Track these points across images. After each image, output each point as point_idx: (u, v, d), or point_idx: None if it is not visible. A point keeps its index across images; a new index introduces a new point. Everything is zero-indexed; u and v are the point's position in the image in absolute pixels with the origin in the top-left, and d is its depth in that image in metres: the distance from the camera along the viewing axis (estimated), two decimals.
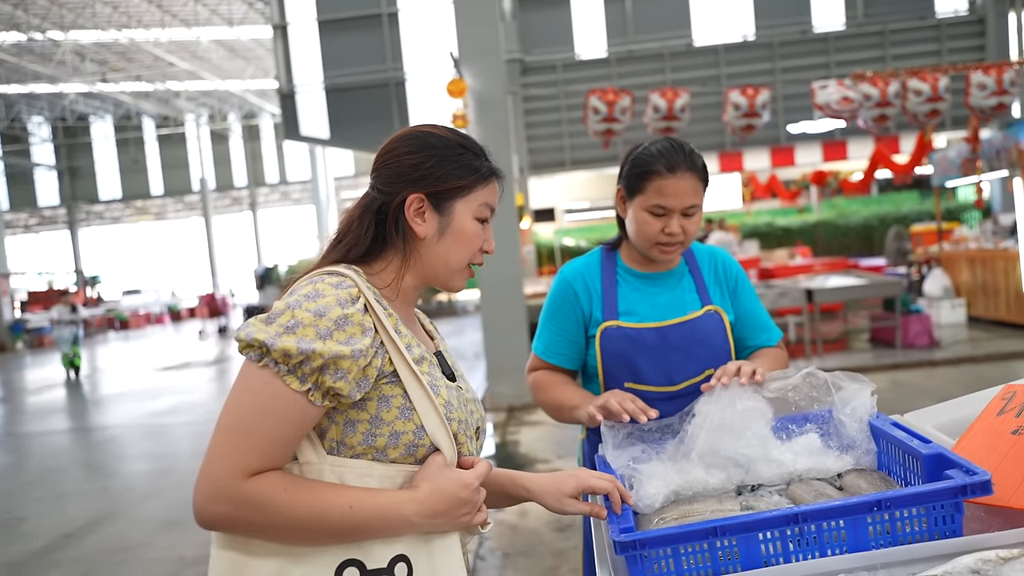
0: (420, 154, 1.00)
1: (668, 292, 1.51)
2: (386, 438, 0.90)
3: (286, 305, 0.86)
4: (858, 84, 5.67)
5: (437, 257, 1.02)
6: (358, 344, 0.86)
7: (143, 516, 4.17)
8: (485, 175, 1.03)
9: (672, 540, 0.94)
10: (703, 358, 1.45)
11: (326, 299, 0.87)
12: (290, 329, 0.83)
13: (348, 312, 0.87)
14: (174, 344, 15.16)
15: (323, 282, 0.90)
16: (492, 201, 1.05)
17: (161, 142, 26.05)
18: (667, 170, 1.40)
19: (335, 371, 0.84)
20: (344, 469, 0.89)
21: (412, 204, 0.99)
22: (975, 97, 5.46)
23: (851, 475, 1.15)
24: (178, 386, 9.12)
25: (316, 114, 12.03)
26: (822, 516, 0.93)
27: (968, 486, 0.91)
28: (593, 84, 9.84)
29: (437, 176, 0.99)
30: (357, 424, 0.90)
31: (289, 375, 0.83)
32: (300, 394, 0.83)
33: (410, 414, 0.92)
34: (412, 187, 0.99)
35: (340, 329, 0.85)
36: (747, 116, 5.77)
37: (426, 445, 0.92)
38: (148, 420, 7.06)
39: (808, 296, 6.27)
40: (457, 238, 1.02)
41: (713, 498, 1.17)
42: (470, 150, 1.03)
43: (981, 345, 6.42)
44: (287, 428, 0.84)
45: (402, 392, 0.92)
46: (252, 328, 0.84)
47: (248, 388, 0.85)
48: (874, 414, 1.22)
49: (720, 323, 1.49)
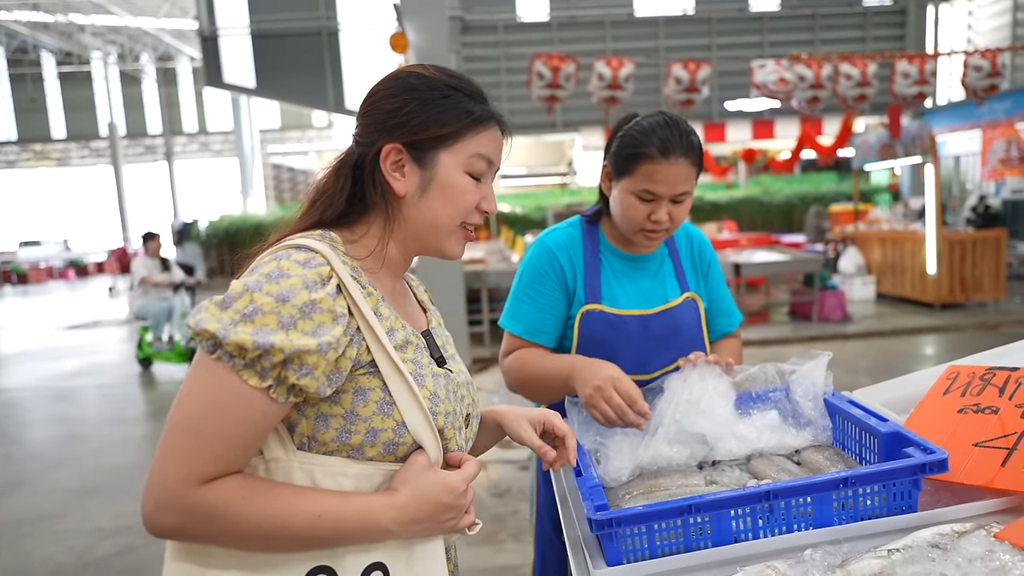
0: (399, 97, 0.86)
1: (650, 277, 1.44)
2: (362, 435, 0.80)
3: (244, 287, 0.74)
4: (794, 65, 5.83)
5: (421, 218, 0.89)
6: (327, 335, 0.74)
7: (54, 485, 3.90)
8: (477, 120, 0.88)
9: (647, 518, 0.94)
10: (679, 347, 1.42)
11: (291, 280, 0.75)
12: (247, 317, 0.72)
13: (316, 296, 0.75)
14: (80, 301, 14.18)
15: (288, 259, 0.78)
16: (489, 152, 0.90)
17: (63, 80, 23.83)
18: (660, 154, 1.28)
19: (299, 367, 0.73)
20: (316, 467, 0.79)
21: (388, 156, 0.86)
22: (899, 85, 5.74)
23: (808, 451, 1.20)
24: (87, 346, 8.55)
25: (241, 61, 11.31)
26: (791, 493, 0.95)
27: (927, 464, 0.96)
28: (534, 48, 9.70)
29: (417, 122, 0.85)
30: (330, 419, 0.80)
31: (246, 370, 0.72)
32: (260, 391, 0.73)
33: (390, 409, 0.81)
34: (388, 136, 0.86)
35: (306, 317, 0.74)
36: (687, 91, 5.84)
37: (408, 443, 0.82)
38: (54, 382, 6.59)
39: (736, 270, 6.51)
40: (443, 195, 0.88)
41: (678, 473, 1.19)
42: (460, 91, 0.88)
43: (888, 320, 6.89)
44: (245, 428, 0.73)
45: (381, 384, 0.81)
46: (204, 314, 0.72)
47: (201, 383, 0.73)
48: (829, 391, 1.26)
49: (696, 311, 1.46)
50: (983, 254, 7.10)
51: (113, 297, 14.42)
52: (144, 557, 2.97)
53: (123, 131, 23.38)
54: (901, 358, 5.69)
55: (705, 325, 1.48)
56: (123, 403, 5.76)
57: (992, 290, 7.15)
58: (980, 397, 1.14)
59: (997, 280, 7.15)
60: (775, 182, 14.54)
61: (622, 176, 1.34)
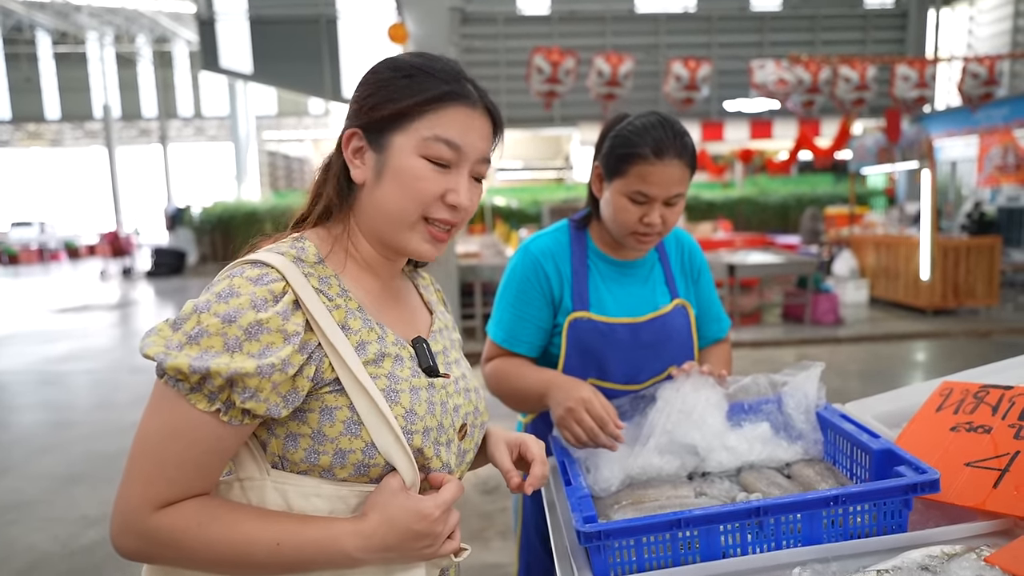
0: (365, 84, 0.84)
1: (639, 284, 1.41)
2: (330, 456, 0.77)
3: (194, 307, 0.72)
4: (793, 66, 5.82)
5: (378, 207, 0.82)
6: (271, 357, 0.70)
7: (40, 471, 3.87)
8: (435, 98, 0.80)
9: (636, 531, 0.93)
10: (670, 355, 1.39)
11: (239, 300, 0.72)
12: (193, 339, 0.69)
13: (263, 316, 0.71)
14: (72, 284, 14.07)
15: (241, 275, 0.74)
16: (452, 135, 0.80)
17: (58, 61, 23.58)
18: (654, 155, 1.25)
19: (243, 390, 0.70)
20: (289, 487, 0.77)
21: (350, 142, 0.83)
22: (899, 88, 5.73)
23: (799, 464, 1.19)
24: (77, 330, 8.49)
25: (238, 45, 11.21)
26: (781, 510, 0.94)
27: (919, 484, 0.95)
28: (533, 41, 9.65)
29: (371, 105, 0.81)
30: (299, 439, 0.77)
31: (194, 393, 0.70)
32: (209, 414, 0.70)
33: (357, 430, 0.77)
34: (351, 123, 0.84)
35: (252, 339, 0.70)
36: (687, 89, 5.82)
37: (380, 464, 0.78)
38: (43, 366, 6.54)
39: (730, 270, 6.52)
40: (396, 181, 0.80)
41: (667, 483, 1.18)
42: (424, 70, 0.81)
43: (880, 325, 6.91)
44: (199, 452, 0.71)
45: (348, 403, 0.77)
46: (153, 336, 0.71)
47: (154, 407, 0.72)
48: (822, 404, 1.26)
49: (687, 318, 1.43)
50: (977, 261, 7.13)
51: (105, 281, 14.33)
52: None
53: (118, 113, 23.17)
54: (893, 363, 5.71)
55: (695, 332, 1.46)
56: (112, 389, 5.72)
57: (985, 297, 7.19)
58: (973, 415, 1.14)
59: (990, 287, 7.18)
60: (771, 183, 14.56)
61: (614, 177, 1.31)
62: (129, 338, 8.07)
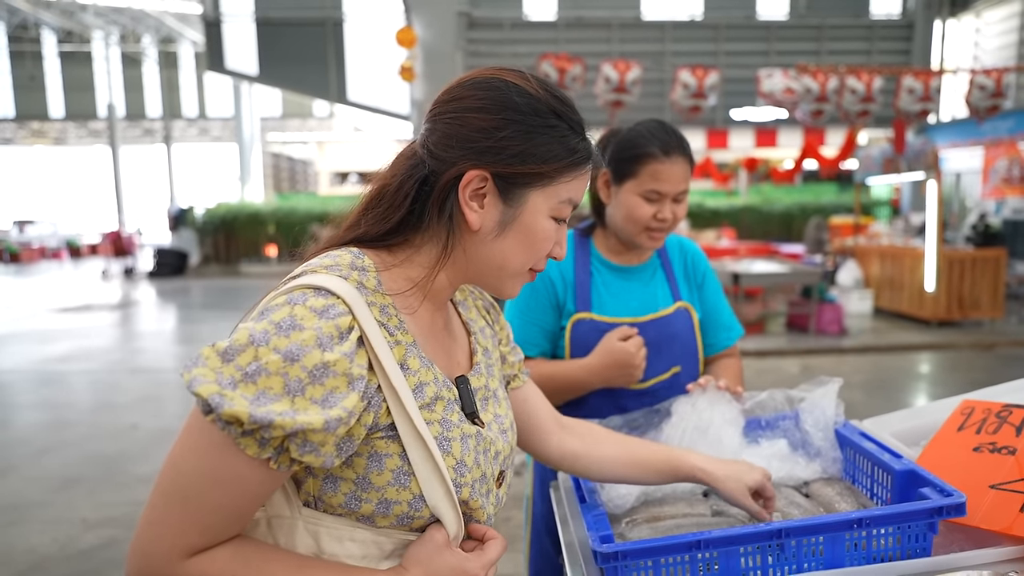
0: (497, 116, 0.74)
1: (641, 287, 1.46)
2: (373, 505, 0.71)
3: (250, 338, 0.63)
4: (801, 76, 5.81)
5: (490, 258, 0.78)
6: (336, 408, 0.64)
7: (39, 472, 3.85)
8: (578, 162, 0.78)
9: (654, 552, 0.91)
10: (673, 355, 1.43)
11: (303, 335, 0.64)
12: (249, 377, 0.62)
13: (330, 358, 0.64)
14: (73, 283, 14.06)
15: (304, 304, 0.67)
16: (578, 196, 0.80)
17: (63, 59, 23.64)
18: (663, 153, 1.34)
19: (303, 443, 0.63)
20: (321, 528, 0.72)
21: (471, 183, 0.74)
22: (904, 100, 5.72)
23: (818, 483, 1.17)
24: (77, 329, 8.47)
25: (244, 47, 11.22)
26: (803, 532, 0.92)
27: (945, 507, 0.93)
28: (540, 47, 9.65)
29: (514, 152, 0.74)
30: (339, 482, 0.71)
31: (244, 438, 0.62)
32: (259, 461, 0.64)
33: (407, 481, 0.71)
34: (476, 160, 0.74)
35: (316, 382, 0.63)
36: (695, 97, 5.81)
37: (425, 517, 0.73)
38: (43, 366, 6.52)
39: (734, 279, 6.50)
40: (523, 238, 0.78)
41: (683, 500, 1.16)
42: (566, 121, 0.77)
43: (884, 336, 6.89)
44: (240, 499, 0.65)
45: (400, 451, 0.71)
46: (201, 370, 0.62)
47: (193, 445, 0.65)
48: (840, 422, 1.23)
49: (689, 320, 1.46)
50: (982, 273, 7.10)
51: (106, 280, 14.32)
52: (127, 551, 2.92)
53: (122, 112, 23.22)
54: (897, 374, 5.68)
55: (699, 335, 1.49)
56: (111, 390, 5.69)
57: (989, 309, 7.16)
58: (996, 435, 1.11)
59: (995, 299, 7.15)
60: (776, 191, 14.55)
61: (625, 179, 1.38)
62: (130, 339, 8.06)
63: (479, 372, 0.88)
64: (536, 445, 1.04)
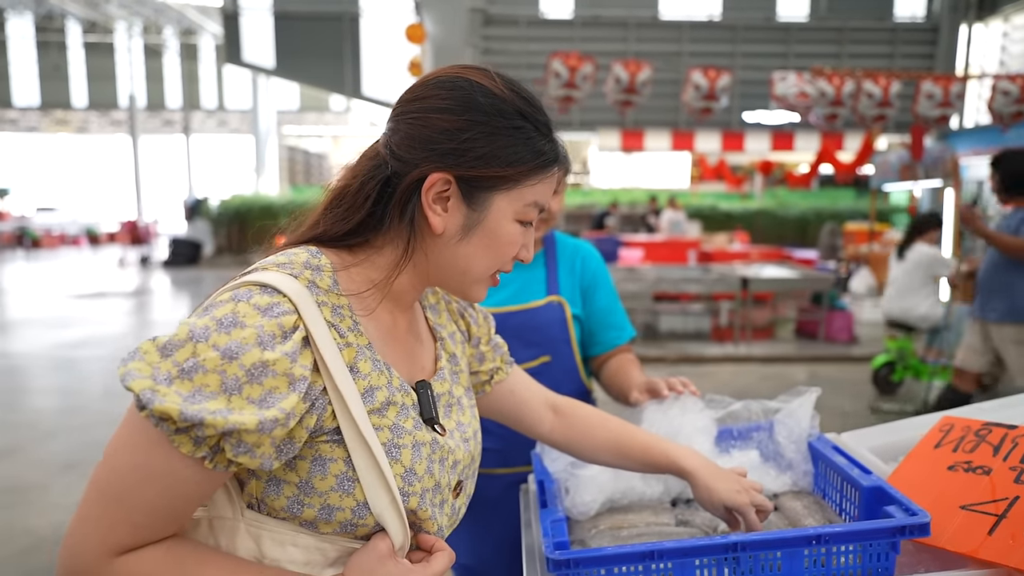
0: (461, 117, 0.72)
1: (516, 279, 1.53)
2: (316, 510, 0.69)
3: (189, 333, 0.62)
4: (816, 79, 5.73)
5: (453, 262, 0.77)
6: (273, 408, 0.61)
7: (42, 456, 3.91)
8: (545, 164, 0.77)
9: (607, 561, 0.90)
10: (539, 345, 1.49)
11: (244, 332, 0.62)
12: (185, 373, 0.60)
13: (270, 357, 0.62)
14: (90, 270, 14.27)
15: (248, 301, 0.65)
16: (544, 198, 0.79)
17: (87, 50, 23.98)
18: None
19: (237, 443, 0.61)
20: (264, 531, 0.70)
21: (434, 186, 0.73)
22: (923, 106, 5.62)
23: (787, 496, 1.14)
24: (92, 316, 8.59)
25: (262, 40, 11.30)
26: (761, 547, 0.90)
27: (907, 527, 0.90)
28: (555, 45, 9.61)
29: (478, 155, 0.72)
30: (282, 485, 0.69)
31: (179, 435, 0.60)
32: (193, 460, 0.62)
33: (351, 487, 0.69)
34: (439, 162, 0.72)
35: (254, 382, 0.61)
36: (706, 98, 5.75)
37: (369, 525, 0.71)
38: (57, 351, 6.63)
39: (743, 283, 6.43)
40: (487, 242, 0.76)
41: (648, 509, 1.14)
42: (531, 122, 0.76)
43: None
44: (175, 499, 0.63)
45: (344, 456, 0.69)
46: (137, 363, 0.60)
47: (128, 441, 0.63)
48: (815, 435, 1.21)
49: (560, 313, 1.51)
50: None
51: (123, 268, 14.52)
52: None
53: (143, 103, 23.50)
54: None
55: (572, 328, 1.53)
56: None
57: None
58: (973, 454, 1.08)
59: None
60: (791, 196, 14.39)
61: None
62: (143, 327, 8.16)
63: (443, 378, 0.86)
64: (528, 431, 1.07)
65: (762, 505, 0.98)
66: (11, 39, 23.65)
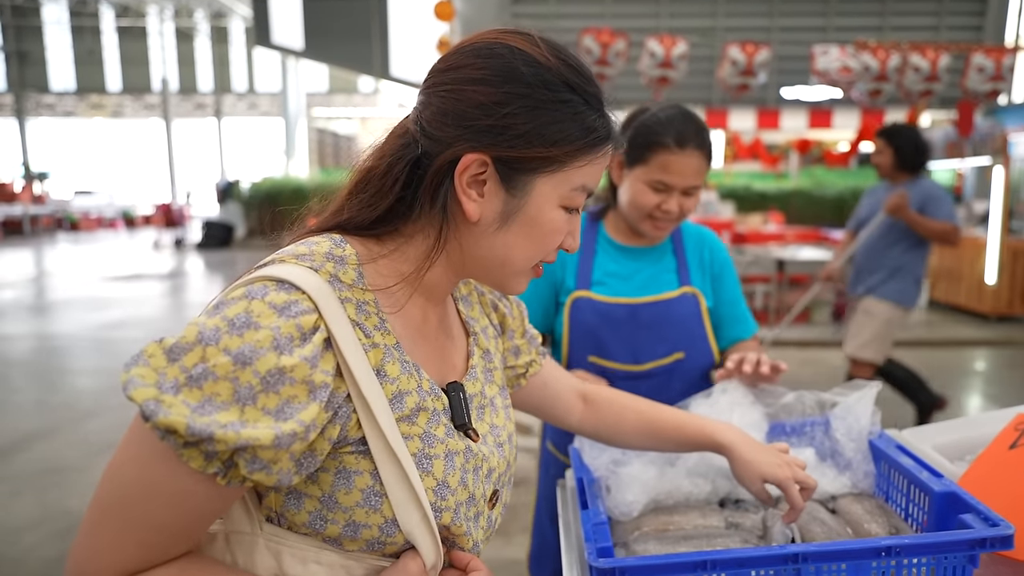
0: (499, 89, 0.64)
1: (647, 268, 1.43)
2: (340, 527, 0.63)
3: (199, 336, 0.55)
4: (859, 53, 5.48)
5: (490, 252, 0.69)
6: (291, 422, 0.55)
7: (82, 436, 3.99)
8: (595, 142, 0.68)
9: (656, 571, 0.83)
10: (673, 340, 1.39)
11: (258, 335, 0.56)
12: (193, 381, 0.54)
13: (287, 363, 0.56)
14: (127, 252, 14.59)
15: (263, 299, 0.58)
16: (593, 182, 0.70)
17: (120, 34, 24.32)
18: (676, 144, 1.30)
19: (251, 460, 0.55)
20: (284, 547, 0.64)
21: (468, 169, 0.65)
22: (972, 80, 5.34)
23: (846, 499, 1.07)
24: (129, 297, 8.77)
25: (290, 21, 11.29)
26: (825, 558, 0.83)
27: (989, 539, 0.82)
28: (585, 21, 9.40)
29: (519, 132, 0.64)
30: (303, 499, 0.63)
31: (188, 449, 0.54)
32: (204, 476, 0.56)
33: (379, 503, 0.63)
34: (474, 142, 0.64)
35: (270, 390, 0.55)
36: (743, 74, 5.55)
37: (398, 543, 0.65)
38: (96, 332, 6.78)
39: (779, 266, 6.26)
40: (528, 231, 0.68)
41: (696, 510, 1.08)
42: (581, 94, 0.66)
43: (937, 330, 6.55)
44: (185, 516, 0.58)
45: (371, 469, 0.63)
46: (140, 369, 0.54)
47: (134, 455, 0.57)
48: (876, 432, 1.13)
49: (696, 306, 1.41)
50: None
51: (157, 250, 14.80)
52: None
53: (176, 86, 23.81)
54: (949, 372, 5.39)
55: (708, 322, 1.43)
56: None
57: None
58: None
59: None
60: (828, 175, 13.95)
61: (635, 164, 1.36)
62: (179, 309, 8.30)
63: (475, 377, 0.80)
64: (560, 422, 1.03)
65: (805, 482, 0.92)
66: (46, 24, 24.08)
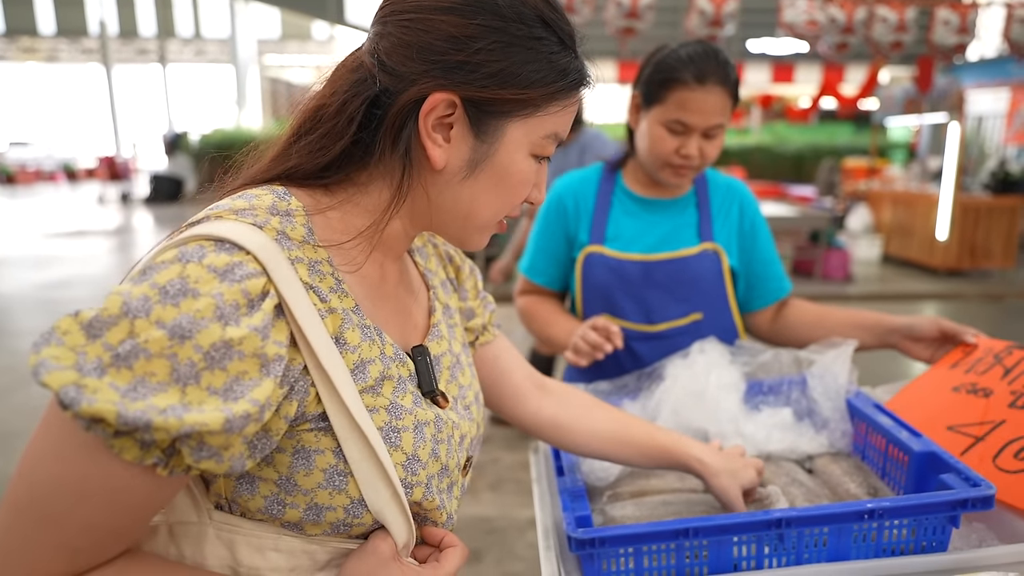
0: (472, 21, 0.57)
1: (666, 222, 1.33)
2: (300, 511, 0.57)
3: (123, 307, 0.47)
4: (827, 5, 5.42)
5: (454, 205, 0.63)
6: (242, 401, 0.47)
7: (25, 401, 3.81)
8: (570, 85, 0.62)
9: (636, 539, 0.80)
10: (691, 300, 1.30)
11: (198, 303, 0.48)
12: (122, 360, 0.45)
13: (234, 334, 0.48)
14: (69, 207, 13.88)
15: (199, 262, 0.50)
16: (564, 129, 0.64)
17: None
18: (695, 80, 1.18)
19: (197, 447, 0.47)
20: (238, 536, 0.57)
21: (435, 109, 0.58)
22: (939, 33, 5.36)
23: (824, 459, 1.05)
24: (73, 255, 8.36)
25: None
26: (807, 523, 0.81)
27: (970, 500, 0.81)
28: None
29: (491, 71, 0.57)
30: (257, 483, 0.56)
31: (119, 439, 0.46)
32: (141, 468, 0.48)
33: (343, 482, 0.57)
34: (442, 79, 0.57)
35: (215, 367, 0.47)
36: (711, 25, 5.45)
37: (366, 524, 0.59)
38: (39, 292, 6.45)
39: None
40: (496, 181, 0.62)
41: (673, 473, 1.05)
42: (556, 32, 0.60)
43: (891, 283, 6.75)
44: (119, 515, 0.50)
45: (334, 447, 0.56)
46: (54, 349, 0.45)
47: (52, 448, 0.48)
48: (852, 391, 1.11)
49: (716, 264, 1.31)
50: (997, 221, 6.88)
51: (102, 205, 14.13)
52: None
53: (115, 30, 22.33)
54: None
55: (729, 282, 1.34)
56: None
57: (1001, 259, 6.98)
58: (983, 376, 1.01)
59: (1008, 249, 6.96)
60: (790, 131, 14.05)
61: (652, 104, 1.25)
62: (126, 267, 7.95)
63: (439, 335, 0.73)
64: (509, 409, 0.91)
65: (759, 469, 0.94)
66: None
